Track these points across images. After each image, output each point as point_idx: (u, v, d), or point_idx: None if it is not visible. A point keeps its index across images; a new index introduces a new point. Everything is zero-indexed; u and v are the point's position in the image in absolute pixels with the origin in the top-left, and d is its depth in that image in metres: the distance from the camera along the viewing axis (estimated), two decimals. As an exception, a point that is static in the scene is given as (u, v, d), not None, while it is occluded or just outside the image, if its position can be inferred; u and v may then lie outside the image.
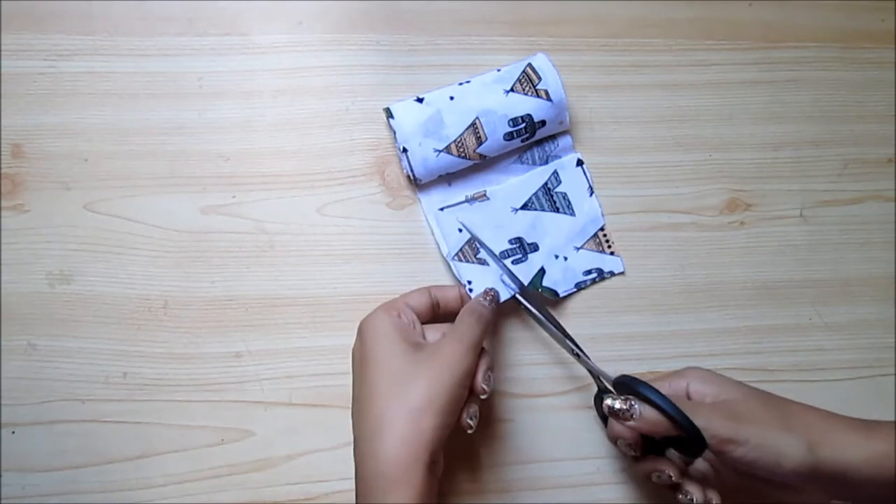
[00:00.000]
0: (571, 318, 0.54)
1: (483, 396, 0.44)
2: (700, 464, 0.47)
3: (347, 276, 0.53)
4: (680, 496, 0.45)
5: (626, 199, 0.56)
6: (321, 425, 0.52)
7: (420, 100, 0.53)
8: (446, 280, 0.54)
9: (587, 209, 0.55)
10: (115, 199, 0.53)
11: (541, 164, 0.55)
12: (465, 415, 0.44)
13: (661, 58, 0.58)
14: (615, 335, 0.55)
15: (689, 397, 0.48)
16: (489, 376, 0.44)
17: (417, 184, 0.54)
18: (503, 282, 0.52)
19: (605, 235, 0.55)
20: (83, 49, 0.54)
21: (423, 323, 0.48)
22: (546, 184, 0.55)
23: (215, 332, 0.52)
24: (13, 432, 0.50)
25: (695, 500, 0.45)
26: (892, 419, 0.55)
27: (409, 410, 0.40)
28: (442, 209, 0.53)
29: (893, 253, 0.58)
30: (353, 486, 0.51)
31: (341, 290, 0.53)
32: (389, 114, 0.52)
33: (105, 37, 0.54)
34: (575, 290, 0.54)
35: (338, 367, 0.52)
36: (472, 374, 0.43)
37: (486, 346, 0.47)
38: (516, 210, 0.54)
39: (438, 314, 0.49)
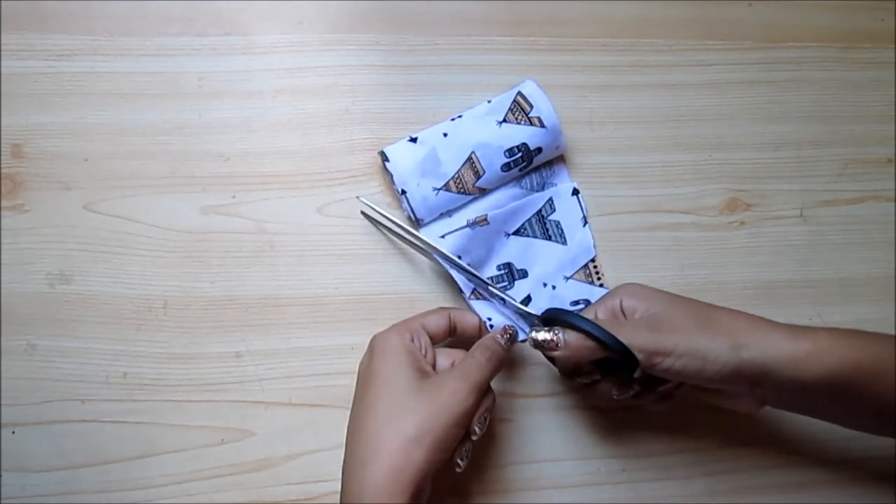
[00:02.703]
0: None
1: (474, 437, 0.44)
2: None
3: (347, 276, 0.53)
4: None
5: (626, 199, 0.56)
6: (321, 425, 0.52)
7: (413, 139, 0.52)
8: (445, 279, 0.54)
9: (579, 239, 0.55)
10: (115, 199, 0.53)
11: (538, 191, 0.55)
12: (456, 454, 0.43)
13: (661, 58, 0.58)
14: (615, 335, 0.55)
15: (625, 316, 0.47)
16: (485, 418, 0.44)
17: (420, 224, 0.53)
18: (518, 320, 0.51)
19: (595, 267, 0.55)
20: (84, 49, 0.54)
21: (437, 343, 0.47)
22: (540, 210, 0.55)
23: (215, 332, 0.52)
24: (13, 432, 0.50)
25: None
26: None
27: (404, 440, 0.40)
28: (443, 236, 0.52)
29: (893, 253, 0.58)
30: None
31: (341, 290, 0.53)
32: (384, 157, 0.52)
33: (105, 37, 0.54)
34: None
35: (338, 367, 0.52)
36: (471, 414, 0.43)
37: (492, 385, 0.46)
38: (508, 235, 0.54)
39: (455, 337, 0.49)
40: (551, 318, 0.46)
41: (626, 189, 0.56)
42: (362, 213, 0.53)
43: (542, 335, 0.44)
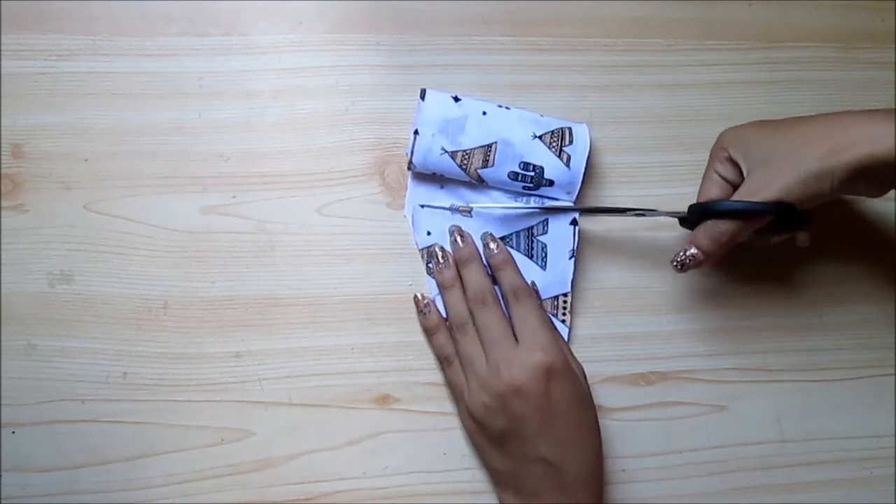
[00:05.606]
0: (571, 317, 0.54)
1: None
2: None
3: (348, 276, 0.53)
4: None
5: (626, 199, 0.56)
6: (321, 425, 0.52)
7: (457, 99, 0.53)
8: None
9: (560, 269, 0.54)
10: (115, 199, 0.53)
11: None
12: None
13: (661, 58, 0.58)
14: (615, 335, 0.55)
15: (735, 164, 0.50)
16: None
17: (411, 169, 0.54)
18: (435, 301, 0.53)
19: (565, 302, 0.54)
20: (84, 49, 0.54)
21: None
22: (532, 228, 0.54)
23: (215, 332, 0.52)
24: (13, 432, 0.50)
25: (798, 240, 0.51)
26: (892, 415, 0.55)
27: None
28: (423, 206, 0.54)
29: (893, 253, 0.58)
30: (352, 486, 0.51)
31: (341, 290, 0.53)
32: (422, 94, 0.53)
33: (105, 37, 0.54)
34: None
35: (338, 367, 0.52)
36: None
37: None
38: None
39: None
40: (696, 212, 0.50)
41: (626, 189, 0.56)
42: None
43: (679, 258, 0.49)
